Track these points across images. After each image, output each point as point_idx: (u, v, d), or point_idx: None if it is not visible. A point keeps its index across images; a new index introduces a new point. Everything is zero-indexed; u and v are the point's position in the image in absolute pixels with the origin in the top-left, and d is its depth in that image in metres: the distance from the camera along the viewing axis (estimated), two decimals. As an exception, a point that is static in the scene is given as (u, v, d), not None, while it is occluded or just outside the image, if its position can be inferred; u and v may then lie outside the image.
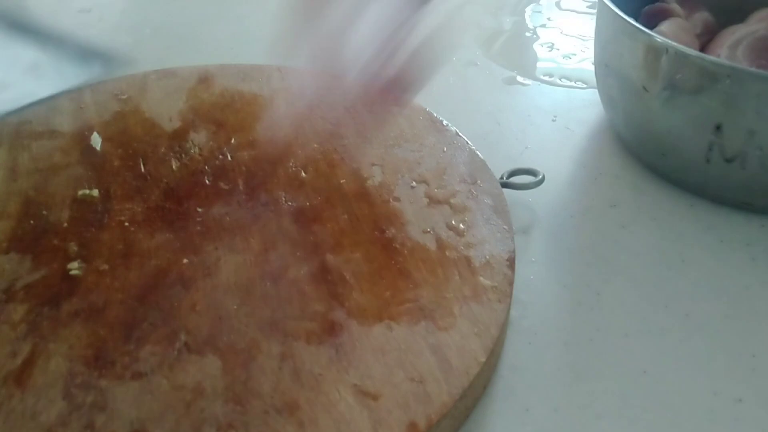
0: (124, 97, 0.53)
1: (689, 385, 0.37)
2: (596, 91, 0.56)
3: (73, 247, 0.41)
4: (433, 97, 0.60)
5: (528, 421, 0.35)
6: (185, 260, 0.40)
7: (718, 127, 0.44)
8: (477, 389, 0.35)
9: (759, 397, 0.37)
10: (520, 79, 0.64)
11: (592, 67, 0.57)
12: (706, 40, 0.55)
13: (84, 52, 0.64)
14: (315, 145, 0.48)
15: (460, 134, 0.49)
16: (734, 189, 0.47)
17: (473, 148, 0.48)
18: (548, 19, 0.74)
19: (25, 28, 0.66)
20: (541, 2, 0.77)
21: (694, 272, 0.44)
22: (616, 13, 0.47)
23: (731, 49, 0.50)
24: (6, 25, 0.66)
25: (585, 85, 0.62)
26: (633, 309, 0.41)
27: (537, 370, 0.38)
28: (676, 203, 0.49)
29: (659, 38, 0.45)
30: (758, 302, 0.42)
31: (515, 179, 0.48)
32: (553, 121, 0.58)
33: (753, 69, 0.43)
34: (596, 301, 0.42)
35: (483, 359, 0.34)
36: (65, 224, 0.42)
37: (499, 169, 0.50)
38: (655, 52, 0.45)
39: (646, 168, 0.52)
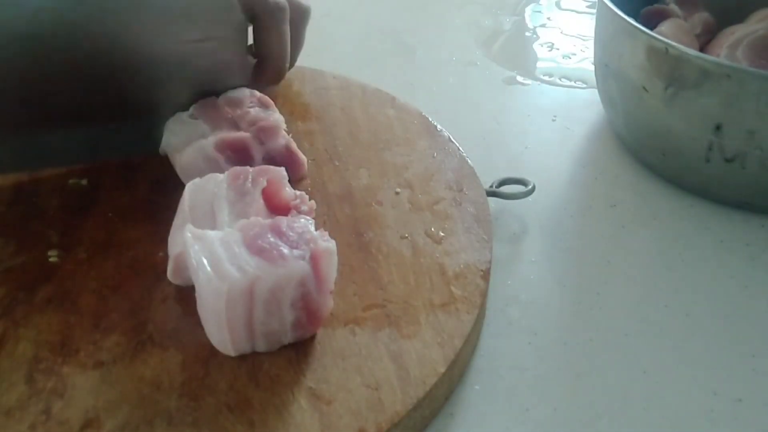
0: None
1: (689, 385, 0.37)
2: (596, 91, 0.56)
3: (55, 235, 0.41)
4: (432, 97, 0.60)
5: (528, 421, 0.35)
6: (161, 253, 0.40)
7: (718, 127, 0.44)
8: (436, 400, 0.35)
9: (759, 397, 0.37)
10: (520, 79, 0.64)
11: (592, 67, 0.57)
12: (706, 40, 0.55)
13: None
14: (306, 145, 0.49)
15: (453, 140, 0.49)
16: (734, 189, 0.47)
17: (464, 154, 0.48)
18: (548, 19, 0.74)
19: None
20: (541, 2, 0.77)
21: (694, 272, 0.44)
22: (616, 13, 0.47)
23: (731, 49, 0.50)
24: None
25: (585, 85, 0.62)
26: (633, 309, 0.41)
27: (537, 370, 0.38)
28: (676, 203, 0.49)
29: (659, 38, 0.45)
30: (758, 302, 0.42)
31: (505, 188, 0.47)
32: (553, 121, 0.58)
33: (753, 69, 0.43)
34: (596, 301, 0.42)
35: (442, 370, 0.34)
36: (52, 212, 0.43)
37: (499, 169, 0.50)
38: (655, 52, 0.45)
39: (646, 168, 0.52)
